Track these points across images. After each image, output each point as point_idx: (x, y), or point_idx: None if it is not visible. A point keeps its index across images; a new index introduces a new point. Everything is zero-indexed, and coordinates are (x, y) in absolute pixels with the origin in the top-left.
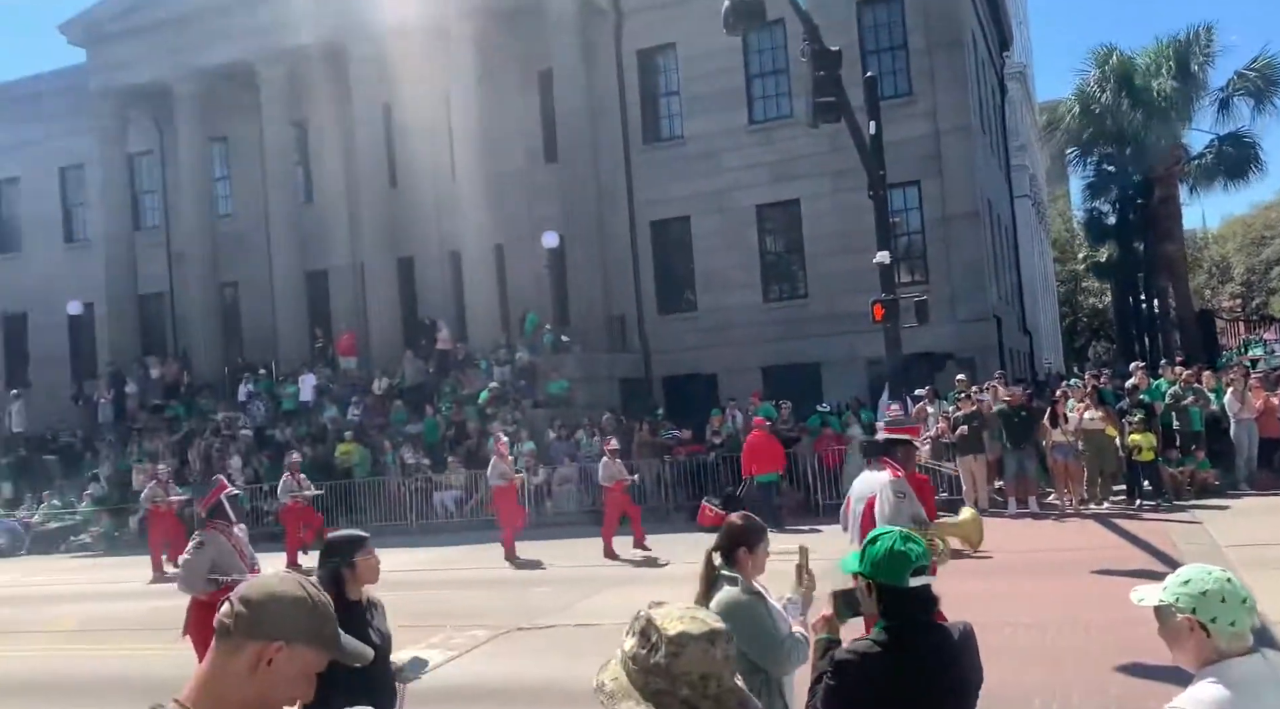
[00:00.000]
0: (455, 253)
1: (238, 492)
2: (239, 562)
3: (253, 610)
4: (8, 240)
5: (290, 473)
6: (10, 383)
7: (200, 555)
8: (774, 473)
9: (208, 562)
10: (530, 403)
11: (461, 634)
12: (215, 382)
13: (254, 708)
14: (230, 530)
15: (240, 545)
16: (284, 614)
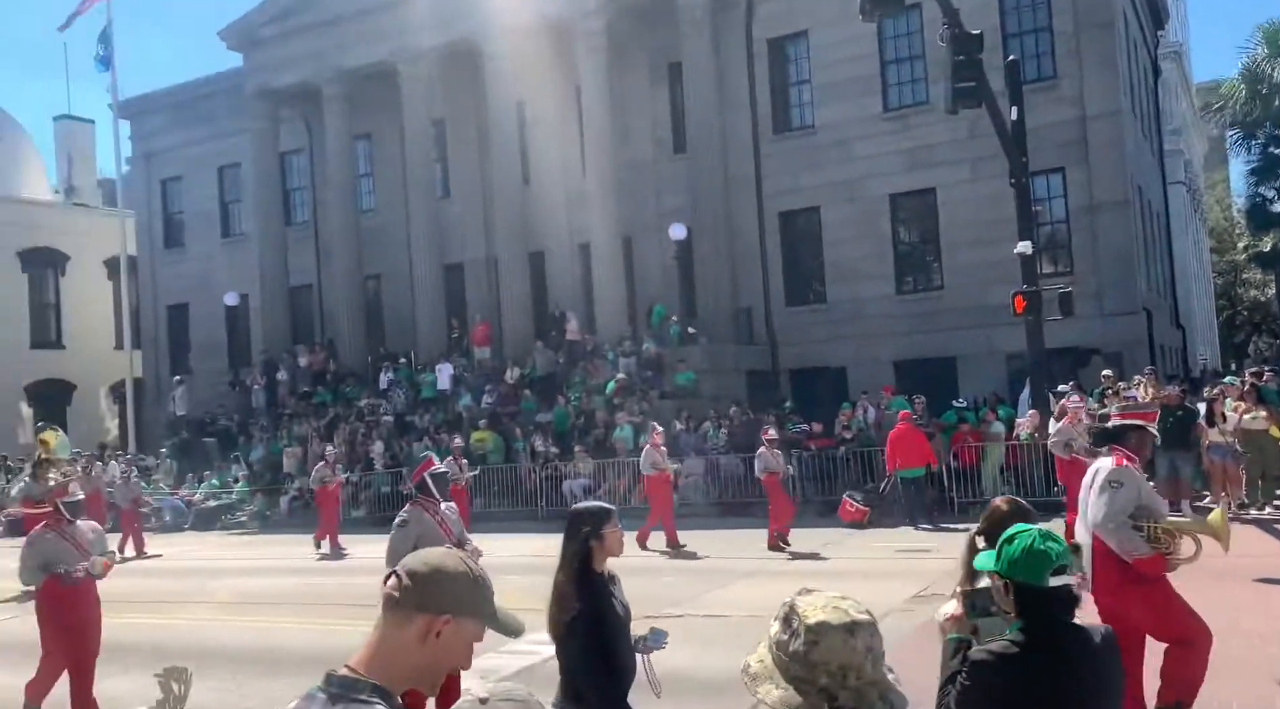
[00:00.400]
0: (584, 246)
1: (444, 469)
2: (445, 539)
3: (420, 584)
4: (172, 236)
5: (453, 457)
6: (174, 369)
7: (404, 533)
8: (920, 467)
9: (413, 539)
10: (657, 394)
11: None
12: (359, 370)
13: (422, 676)
14: (436, 507)
15: (446, 522)
16: (451, 588)
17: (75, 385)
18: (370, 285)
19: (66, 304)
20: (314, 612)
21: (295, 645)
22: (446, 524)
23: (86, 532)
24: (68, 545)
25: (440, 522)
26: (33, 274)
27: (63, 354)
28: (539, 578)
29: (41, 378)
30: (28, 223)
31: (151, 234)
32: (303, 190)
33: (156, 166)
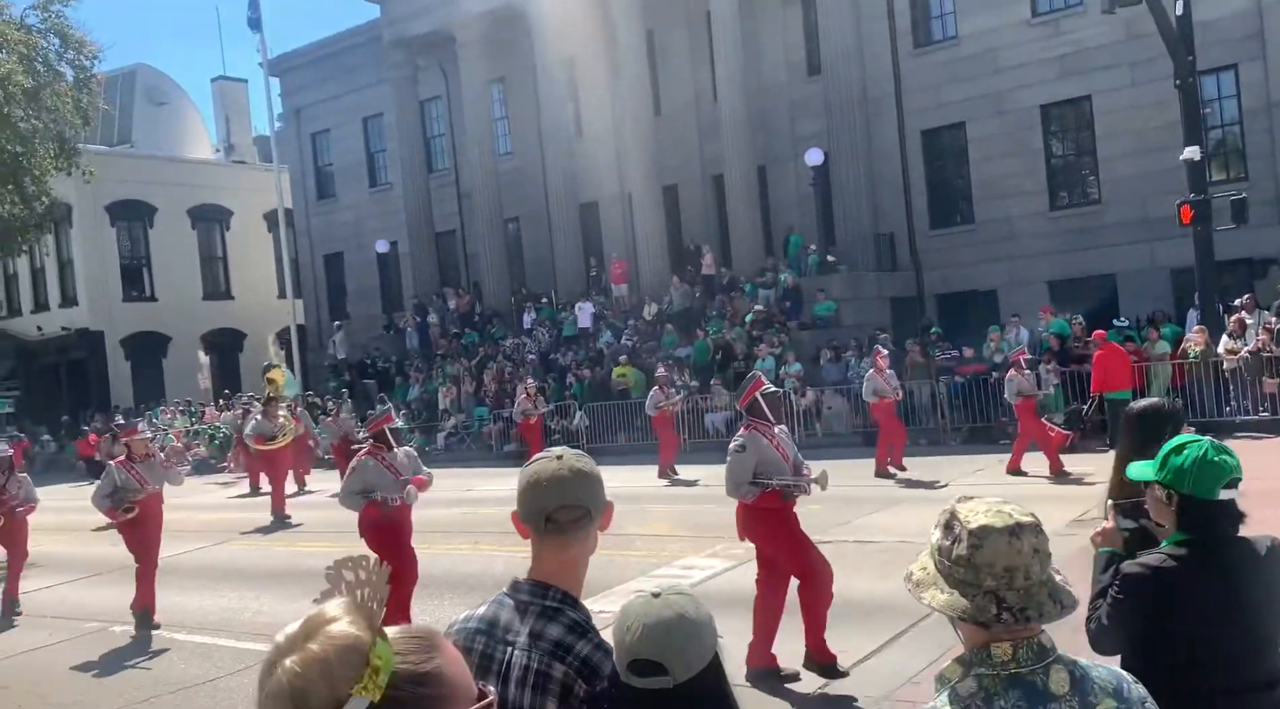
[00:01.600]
0: (718, 177)
1: (776, 388)
2: (782, 460)
3: (596, 498)
4: (324, 187)
5: (659, 387)
6: (333, 315)
7: (743, 459)
8: (1127, 389)
9: (752, 464)
10: (796, 325)
11: (741, 546)
12: (503, 310)
13: None
14: (771, 430)
15: (782, 445)
16: (602, 494)
17: (245, 333)
18: (510, 227)
19: (232, 257)
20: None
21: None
22: (783, 447)
23: (403, 458)
24: (388, 472)
25: (776, 443)
26: (201, 230)
27: (232, 304)
28: (681, 506)
29: (215, 327)
30: (194, 182)
31: (305, 187)
32: (442, 137)
33: (306, 121)
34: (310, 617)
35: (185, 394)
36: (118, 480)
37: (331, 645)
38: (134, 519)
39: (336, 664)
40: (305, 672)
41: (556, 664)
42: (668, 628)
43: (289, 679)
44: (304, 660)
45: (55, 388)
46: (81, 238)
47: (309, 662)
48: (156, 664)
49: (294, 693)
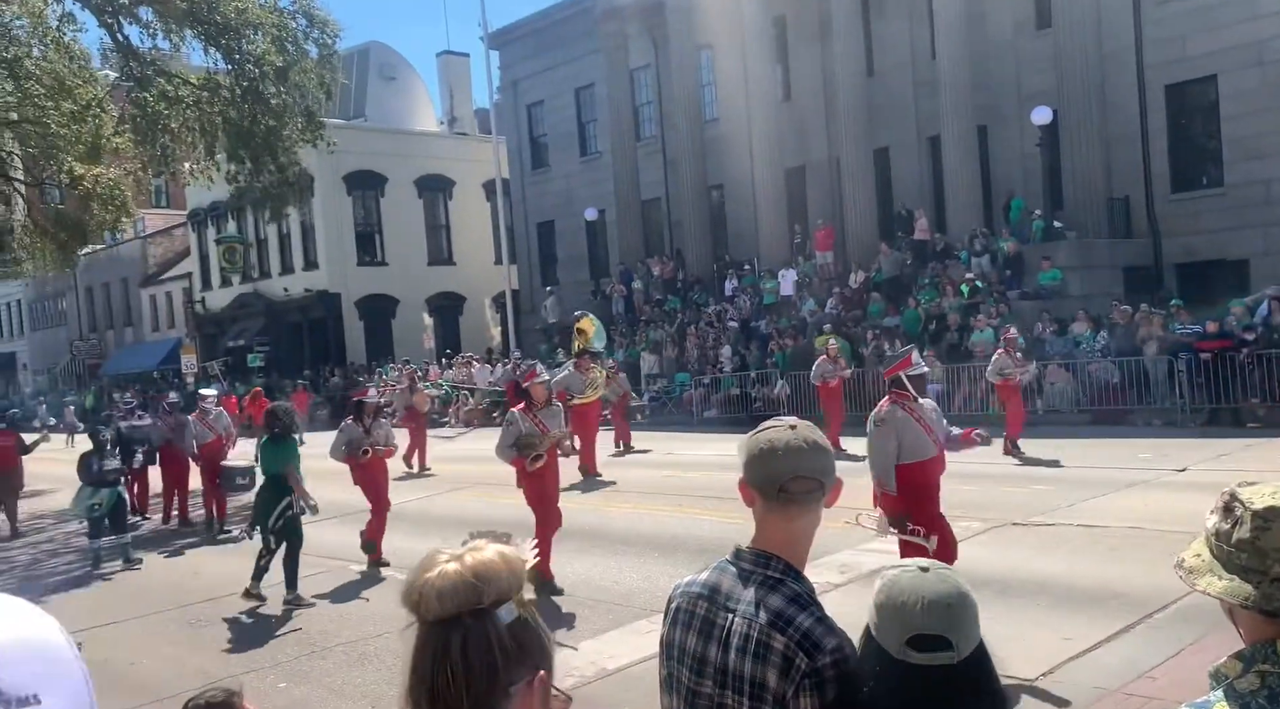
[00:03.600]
0: (934, 138)
1: (924, 369)
2: (925, 434)
3: (831, 472)
4: (538, 157)
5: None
6: (544, 280)
7: (883, 432)
8: None
9: (892, 436)
10: (1017, 294)
11: (954, 523)
12: (705, 277)
13: None
14: (911, 405)
15: (924, 419)
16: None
17: (464, 297)
18: (714, 195)
19: (454, 225)
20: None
21: (701, 533)
22: (924, 420)
23: None
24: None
25: (918, 417)
26: (427, 199)
27: (454, 270)
28: None
29: (438, 291)
30: (421, 153)
31: (520, 157)
32: (650, 105)
33: (522, 92)
34: (475, 542)
35: (410, 353)
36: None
37: (512, 556)
38: (369, 464)
39: (514, 569)
40: (492, 562)
41: (778, 635)
42: (950, 601)
43: (477, 564)
44: (487, 556)
45: (298, 345)
46: (322, 206)
47: (493, 557)
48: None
49: (478, 575)
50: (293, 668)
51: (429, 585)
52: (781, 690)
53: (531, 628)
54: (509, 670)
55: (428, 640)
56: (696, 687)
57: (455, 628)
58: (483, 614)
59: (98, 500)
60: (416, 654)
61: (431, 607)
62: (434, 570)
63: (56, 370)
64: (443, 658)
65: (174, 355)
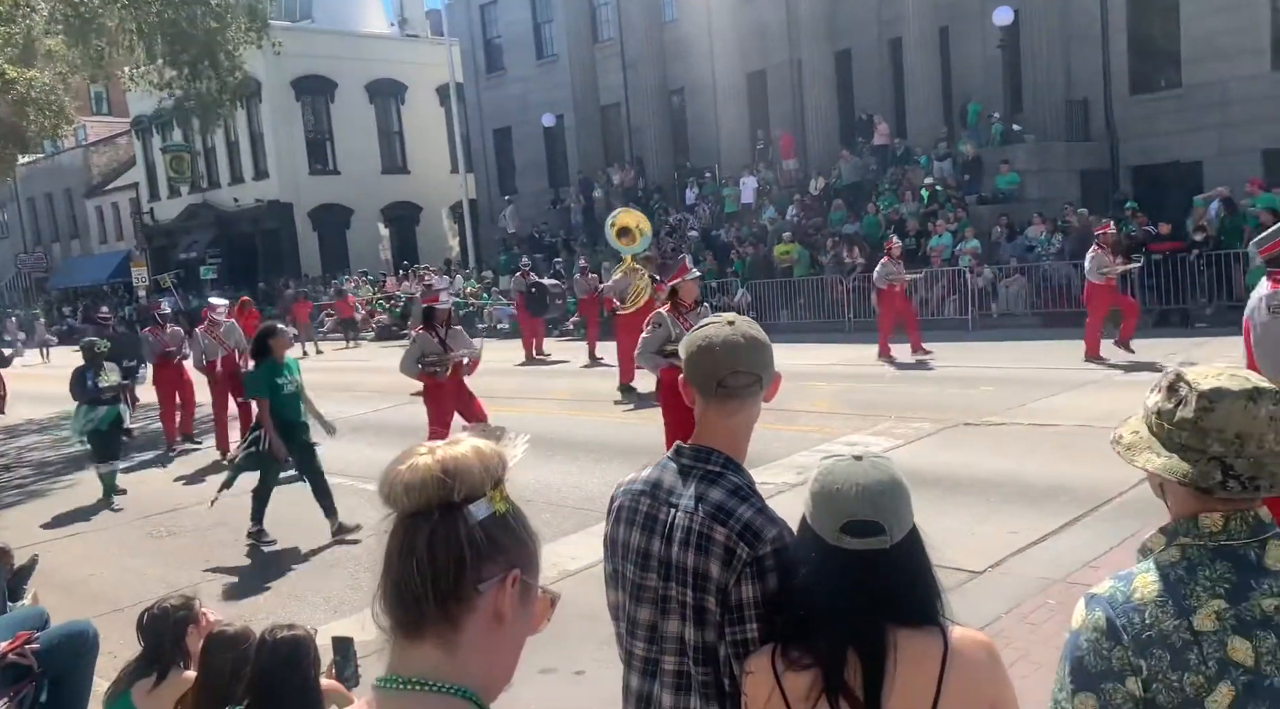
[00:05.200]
0: (895, 41)
1: None
2: None
3: (768, 365)
4: (493, 61)
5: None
6: (502, 190)
7: None
8: None
9: None
10: (975, 199)
11: (905, 425)
12: (666, 185)
13: None
14: None
15: None
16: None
17: (421, 207)
18: (675, 99)
19: (408, 131)
20: None
21: None
22: None
23: None
24: None
25: None
26: (378, 104)
27: (409, 178)
28: (844, 384)
29: (393, 200)
30: (370, 56)
31: (475, 60)
32: (607, 5)
33: None
34: (455, 436)
35: (366, 264)
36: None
37: (487, 449)
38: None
39: (488, 464)
40: (463, 456)
41: (719, 527)
42: (882, 488)
43: (448, 458)
44: (460, 451)
45: (251, 257)
46: (270, 113)
47: (466, 452)
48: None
49: (446, 469)
50: (255, 576)
51: (398, 478)
52: (724, 580)
53: (510, 526)
54: (477, 567)
55: (396, 533)
56: (641, 580)
57: (423, 521)
58: (451, 508)
59: (93, 417)
60: (388, 547)
61: (400, 500)
62: (405, 463)
63: (1, 285)
64: (409, 552)
65: (124, 268)
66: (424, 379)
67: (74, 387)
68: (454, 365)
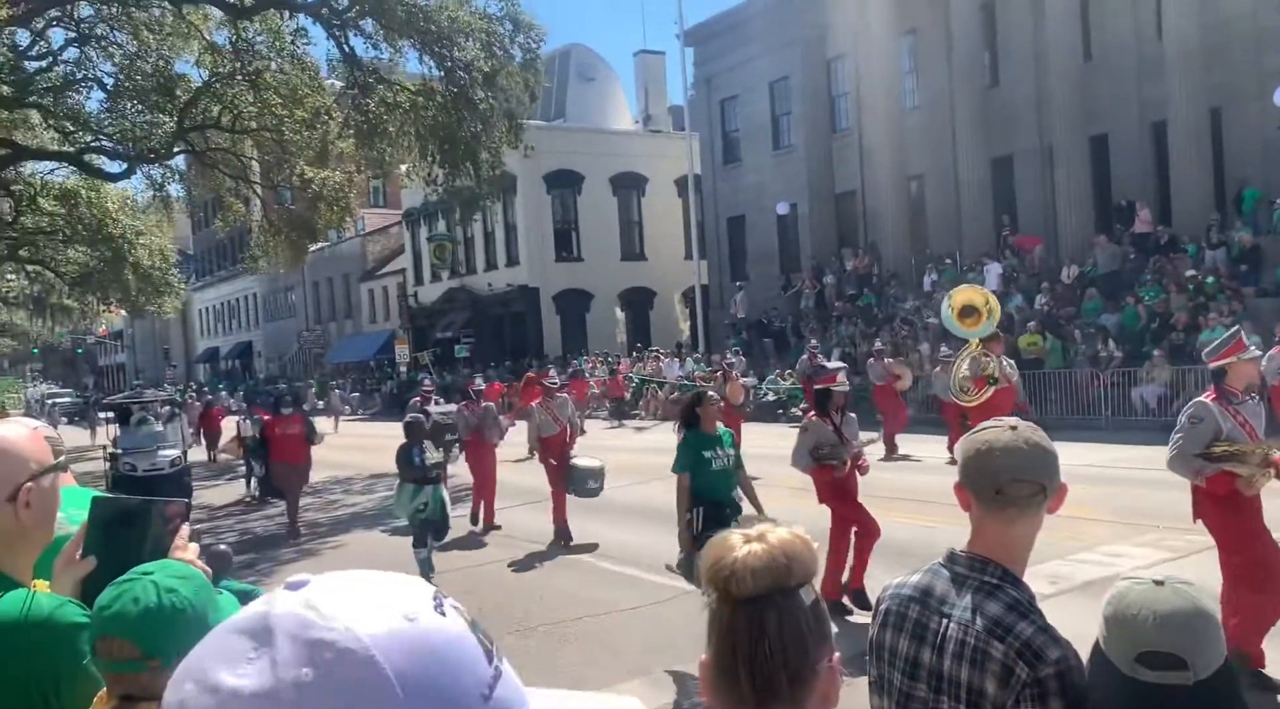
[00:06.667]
0: (1158, 124)
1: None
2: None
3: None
4: (730, 152)
5: None
6: (734, 276)
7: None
8: None
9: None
10: (1253, 291)
11: (1176, 537)
12: (902, 272)
13: None
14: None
15: (1250, 419)
16: None
17: (655, 292)
18: (913, 186)
19: (647, 221)
20: None
21: None
22: (1250, 420)
23: None
24: None
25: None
26: (620, 195)
27: (645, 265)
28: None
29: (630, 286)
30: (616, 151)
31: (713, 152)
32: (846, 96)
33: (716, 88)
34: (763, 524)
35: (603, 345)
36: None
37: (808, 538)
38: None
39: (811, 551)
40: (794, 542)
41: (996, 643)
42: (1185, 619)
43: (781, 544)
44: (787, 536)
45: (499, 337)
46: (523, 205)
47: (792, 538)
48: (586, 588)
49: (787, 554)
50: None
51: (741, 564)
52: (1001, 700)
53: (823, 610)
54: (815, 648)
55: (742, 617)
56: (910, 689)
57: (769, 605)
58: (791, 592)
59: (423, 500)
60: (727, 631)
61: (745, 584)
62: (741, 550)
63: (286, 358)
64: (760, 634)
65: (389, 346)
66: (817, 474)
67: (401, 463)
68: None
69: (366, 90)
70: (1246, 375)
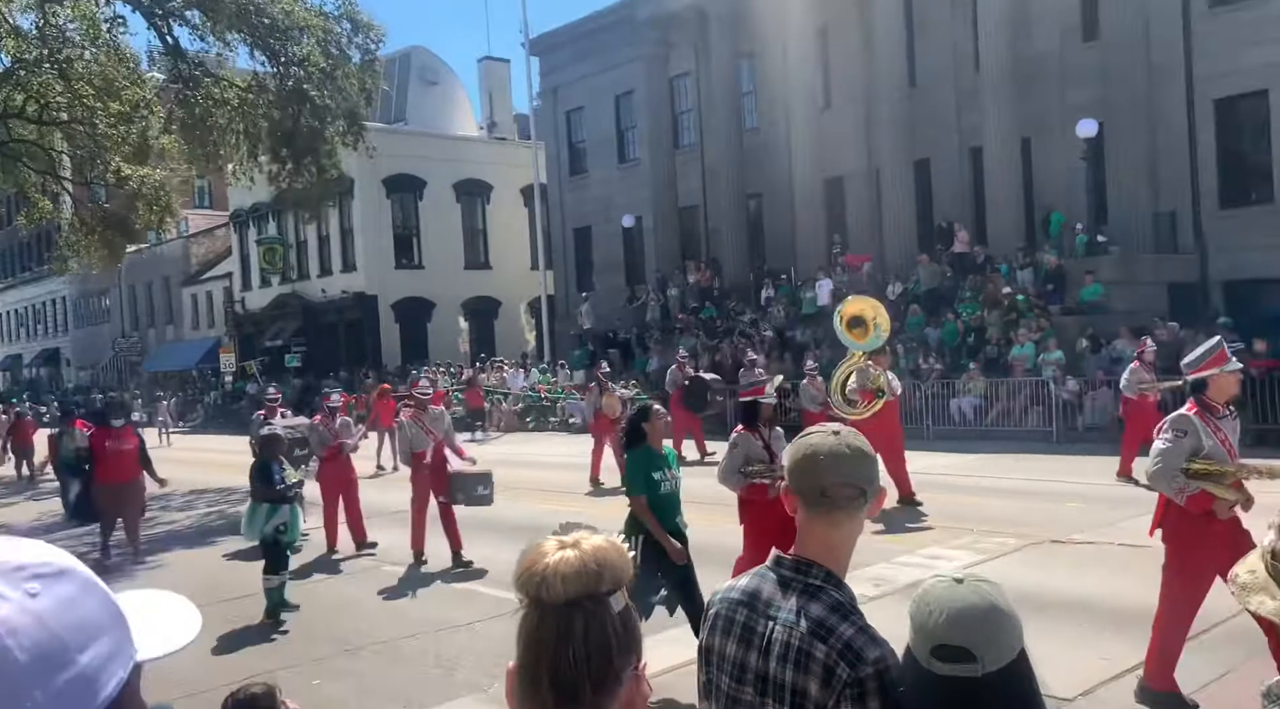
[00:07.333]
0: (976, 150)
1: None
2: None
3: (873, 480)
4: (576, 163)
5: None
6: (580, 286)
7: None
8: None
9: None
10: (1059, 309)
11: (989, 539)
12: (741, 285)
13: None
14: None
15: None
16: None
17: (500, 302)
18: (752, 204)
19: (492, 229)
20: None
21: None
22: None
23: None
24: None
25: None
26: (465, 203)
27: (490, 274)
28: (923, 495)
29: (474, 295)
30: (459, 157)
31: (559, 162)
32: (690, 113)
33: (562, 99)
34: (578, 531)
35: (445, 356)
36: None
37: (621, 547)
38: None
39: (625, 558)
40: (607, 549)
41: (819, 644)
42: (976, 615)
43: (595, 551)
44: (601, 543)
45: (334, 346)
46: (361, 209)
47: (605, 545)
48: (420, 606)
49: (598, 561)
50: (324, 666)
51: (552, 570)
52: (823, 700)
53: (633, 617)
54: (621, 656)
55: (549, 622)
56: (736, 693)
57: (577, 611)
58: (601, 599)
59: (280, 521)
60: (535, 636)
61: (556, 590)
62: (553, 556)
63: (99, 367)
64: (565, 640)
65: (213, 354)
66: (746, 493)
67: (258, 482)
68: None
69: (192, 84)
70: (1228, 388)
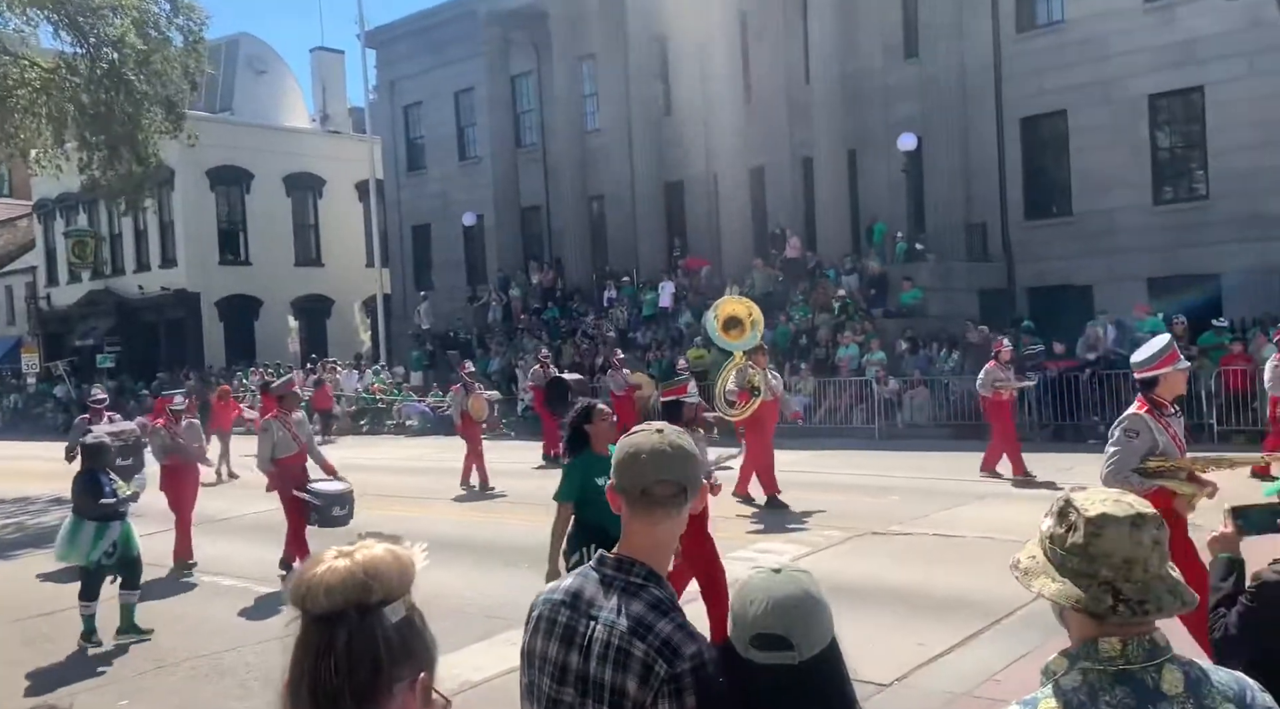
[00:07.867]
0: (807, 160)
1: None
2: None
3: (696, 478)
4: (414, 160)
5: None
6: (418, 285)
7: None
8: None
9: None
10: (881, 312)
11: (816, 533)
12: (585, 287)
13: None
14: None
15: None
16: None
17: (333, 300)
18: (594, 205)
19: (324, 225)
20: None
21: None
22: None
23: None
24: None
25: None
26: (295, 197)
27: (322, 271)
28: (755, 490)
29: (305, 293)
30: (290, 150)
31: (396, 158)
32: (531, 113)
33: (399, 93)
34: (366, 540)
35: (273, 357)
36: None
37: (404, 556)
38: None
39: (404, 568)
40: (382, 559)
41: (637, 642)
42: (793, 603)
43: (367, 561)
44: (378, 553)
45: (153, 346)
46: (183, 201)
47: (383, 555)
48: (245, 617)
49: (368, 571)
50: (135, 684)
51: (317, 580)
52: (641, 698)
53: (417, 629)
54: (393, 668)
55: (311, 634)
56: (557, 695)
57: (341, 622)
58: (369, 610)
59: (111, 540)
60: (299, 648)
61: (318, 601)
62: (323, 566)
63: None
64: (326, 652)
65: (14, 354)
66: None
67: (84, 496)
68: None
69: None
70: (1177, 386)
